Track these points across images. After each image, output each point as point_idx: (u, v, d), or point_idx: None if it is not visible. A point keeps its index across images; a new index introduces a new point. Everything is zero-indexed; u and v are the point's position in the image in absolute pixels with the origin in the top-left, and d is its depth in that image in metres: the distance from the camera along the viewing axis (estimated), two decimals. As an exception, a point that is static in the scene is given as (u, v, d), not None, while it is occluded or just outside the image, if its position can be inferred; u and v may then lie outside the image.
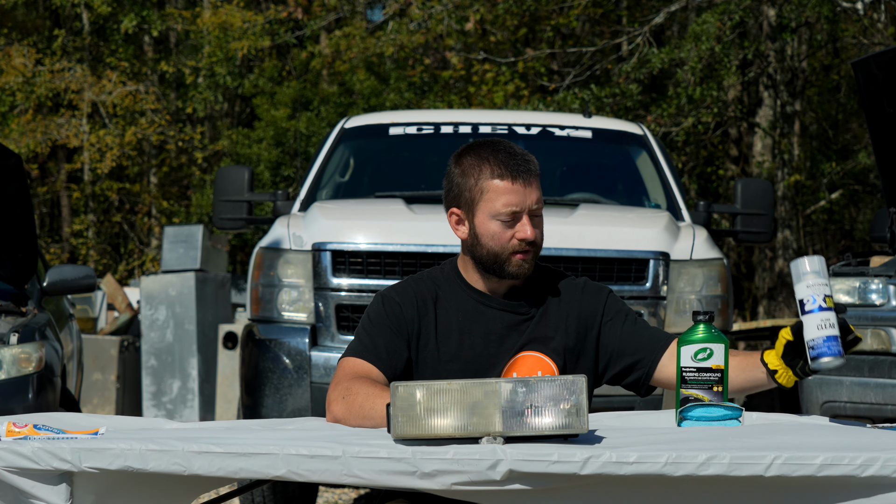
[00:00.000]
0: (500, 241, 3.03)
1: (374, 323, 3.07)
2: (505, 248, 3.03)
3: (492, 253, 3.04)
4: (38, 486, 2.42)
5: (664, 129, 15.08)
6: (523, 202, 3.01)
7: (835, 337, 2.72)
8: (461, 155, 3.10)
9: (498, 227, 3.03)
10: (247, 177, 6.77)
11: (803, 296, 2.73)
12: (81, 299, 13.78)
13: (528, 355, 3.06)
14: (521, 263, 3.04)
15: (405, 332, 3.05)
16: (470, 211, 3.07)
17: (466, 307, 3.09)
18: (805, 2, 13.92)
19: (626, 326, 3.09)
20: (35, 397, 5.83)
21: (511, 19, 16.24)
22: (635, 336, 3.09)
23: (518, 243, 3.02)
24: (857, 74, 6.60)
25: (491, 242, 3.04)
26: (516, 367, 3.05)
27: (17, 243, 6.14)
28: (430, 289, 3.11)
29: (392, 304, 3.08)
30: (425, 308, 3.08)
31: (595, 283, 3.17)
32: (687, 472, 2.39)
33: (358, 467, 2.41)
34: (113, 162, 20.69)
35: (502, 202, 3.01)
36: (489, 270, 3.07)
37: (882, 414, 5.99)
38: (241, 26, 19.53)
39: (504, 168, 3.01)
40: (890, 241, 6.55)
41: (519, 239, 3.02)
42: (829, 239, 20.02)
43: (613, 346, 3.09)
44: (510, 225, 3.02)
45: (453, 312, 3.09)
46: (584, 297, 3.11)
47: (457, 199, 3.09)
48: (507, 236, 3.03)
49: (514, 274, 3.05)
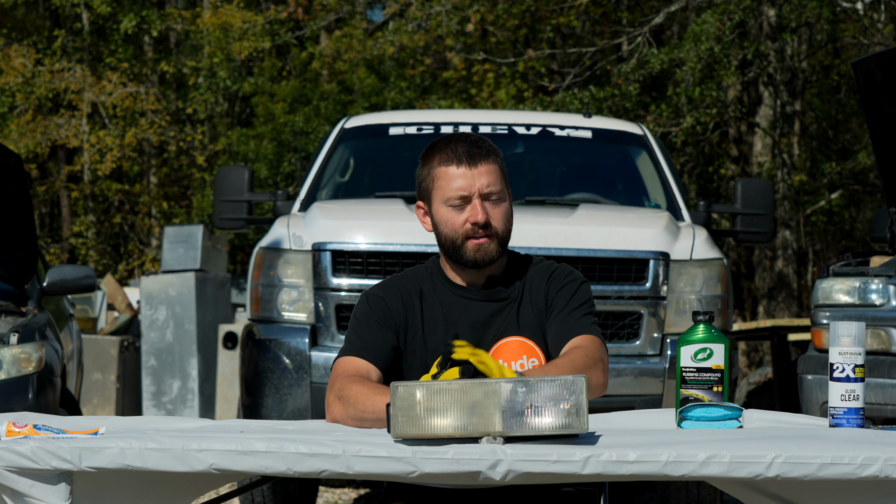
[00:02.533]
0: (452, 227, 3.05)
1: (360, 321, 3.10)
2: (457, 232, 3.05)
3: (448, 239, 3.07)
4: (38, 485, 2.42)
5: (664, 129, 15.08)
6: (471, 185, 3.02)
7: (857, 409, 2.76)
8: (425, 150, 3.14)
9: (450, 213, 3.05)
10: (247, 177, 6.78)
11: (834, 361, 2.76)
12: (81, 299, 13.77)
13: (512, 340, 3.08)
14: (476, 248, 3.04)
15: (392, 325, 3.08)
16: (428, 201, 3.11)
17: (449, 301, 3.11)
18: (805, 2, 13.92)
19: (560, 312, 3.09)
20: (35, 397, 5.83)
21: (511, 20, 16.23)
22: (555, 324, 3.08)
23: (472, 228, 3.03)
24: (857, 74, 6.60)
25: (446, 229, 3.07)
26: (501, 352, 3.07)
27: (17, 243, 6.14)
28: (413, 284, 3.14)
29: (376, 299, 3.11)
30: (410, 302, 3.11)
31: (564, 270, 3.16)
32: (687, 472, 2.39)
33: (358, 466, 2.41)
34: (113, 164, 20.68)
35: (452, 187, 3.04)
36: (453, 259, 3.09)
37: (882, 414, 5.98)
38: (242, 27, 19.52)
39: (451, 153, 3.04)
40: (890, 241, 6.55)
41: (471, 223, 3.03)
42: (829, 239, 20.01)
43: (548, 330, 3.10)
44: (461, 209, 3.04)
45: (437, 306, 3.11)
46: (551, 281, 3.12)
47: (419, 192, 3.14)
48: (459, 221, 3.04)
49: (471, 260, 3.05)
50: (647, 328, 5.71)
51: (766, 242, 7.49)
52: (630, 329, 5.72)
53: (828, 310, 6.29)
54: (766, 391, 9.54)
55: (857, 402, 2.76)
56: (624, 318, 5.71)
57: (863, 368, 2.76)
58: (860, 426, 2.75)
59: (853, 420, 2.75)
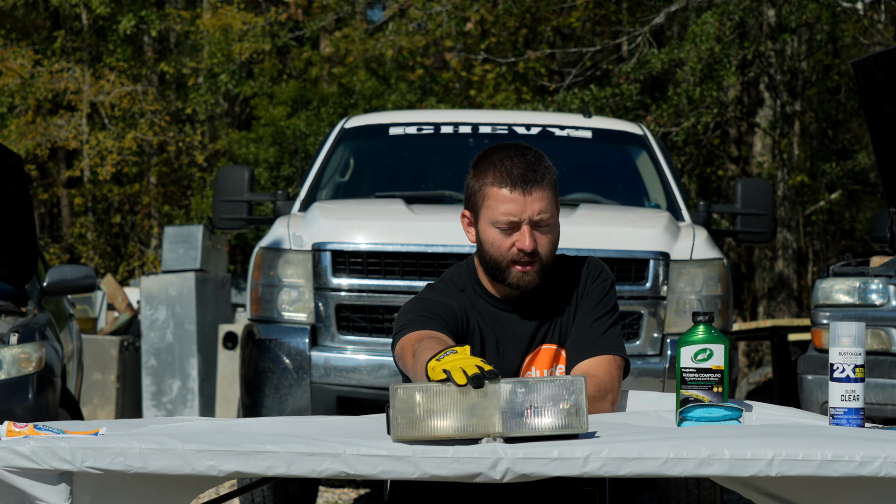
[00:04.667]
0: (499, 250, 2.99)
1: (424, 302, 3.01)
2: (504, 256, 2.99)
3: (493, 260, 3.01)
4: (38, 485, 2.42)
5: (664, 129, 15.08)
6: (522, 212, 2.95)
7: (857, 409, 2.76)
8: (479, 157, 3.06)
9: (497, 235, 2.99)
10: (247, 177, 6.78)
11: (834, 361, 2.76)
12: (81, 299, 13.77)
13: (546, 348, 3.08)
14: (521, 276, 2.99)
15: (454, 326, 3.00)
16: (476, 215, 3.04)
17: (493, 316, 3.07)
18: (805, 2, 13.92)
19: (584, 317, 3.07)
20: (35, 397, 5.83)
21: (511, 20, 16.23)
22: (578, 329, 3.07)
23: (517, 253, 2.97)
24: (857, 74, 6.60)
25: (491, 249, 3.00)
26: (536, 361, 3.07)
27: (17, 243, 6.14)
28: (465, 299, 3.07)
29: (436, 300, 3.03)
30: (465, 316, 3.05)
31: (596, 265, 3.13)
32: (688, 470, 2.39)
33: (359, 466, 2.41)
34: (113, 168, 20.68)
35: (501, 210, 2.96)
36: (494, 277, 3.04)
37: (882, 414, 5.99)
38: (242, 28, 19.51)
39: (506, 175, 2.95)
40: (890, 241, 6.55)
41: (518, 249, 2.97)
42: (829, 239, 20.01)
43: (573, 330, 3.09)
44: (509, 234, 2.98)
45: (485, 321, 3.07)
46: (586, 277, 3.10)
47: (468, 202, 3.07)
48: (506, 245, 2.98)
49: (514, 285, 3.00)
50: (647, 328, 5.71)
51: (766, 242, 7.49)
52: (630, 329, 5.72)
53: (828, 310, 6.29)
54: (766, 391, 9.55)
55: (858, 403, 2.76)
56: (624, 318, 5.71)
57: (863, 368, 2.76)
58: (860, 426, 2.75)
59: (853, 420, 2.75)
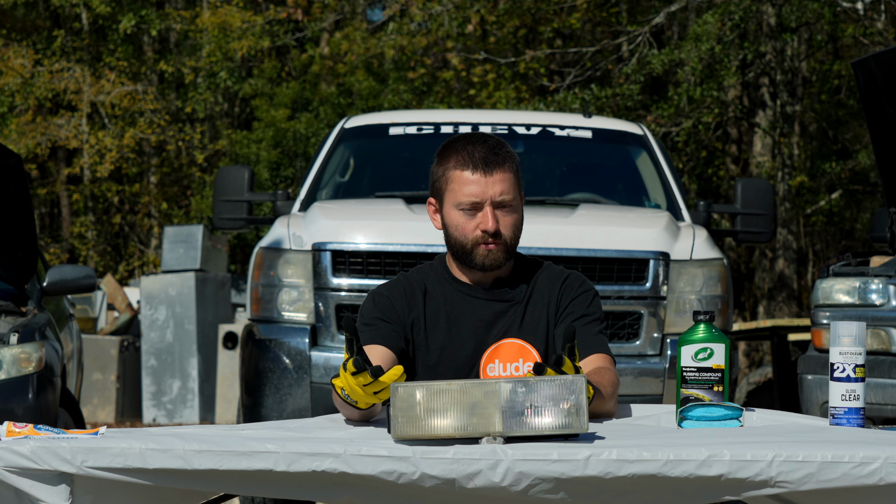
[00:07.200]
0: (463, 232, 3.05)
1: (365, 318, 3.09)
2: (467, 238, 3.05)
3: (458, 243, 3.07)
4: (38, 486, 2.42)
5: (664, 129, 15.08)
6: (483, 193, 3.02)
7: (857, 409, 2.76)
8: (443, 146, 3.13)
9: (461, 218, 3.05)
10: (247, 177, 6.78)
11: (835, 360, 2.76)
12: (81, 299, 13.78)
13: (511, 342, 3.09)
14: (486, 254, 3.04)
15: (399, 321, 3.07)
16: (440, 200, 3.11)
17: (453, 298, 3.11)
18: (805, 2, 13.91)
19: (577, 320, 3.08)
20: (35, 397, 5.83)
21: (512, 20, 16.22)
22: None
23: (481, 235, 3.03)
24: (857, 74, 6.60)
25: (456, 233, 3.07)
26: (498, 353, 3.07)
27: (17, 243, 6.14)
28: (418, 282, 3.14)
29: (381, 298, 3.11)
30: (414, 300, 3.11)
31: (578, 278, 3.17)
32: (688, 471, 2.39)
33: (359, 466, 2.41)
34: (112, 165, 20.67)
35: (464, 192, 3.03)
36: (461, 261, 3.10)
37: (882, 414, 5.99)
38: (241, 26, 19.51)
39: (468, 158, 3.03)
40: (890, 241, 6.55)
41: (482, 230, 3.03)
42: (829, 239, 20.01)
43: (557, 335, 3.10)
44: (472, 215, 3.04)
45: (441, 304, 3.11)
46: (565, 288, 3.12)
47: (432, 189, 3.14)
48: (470, 227, 3.04)
49: (480, 265, 3.06)
50: (647, 328, 5.71)
51: (766, 242, 7.49)
52: (630, 329, 5.72)
53: (828, 310, 6.29)
54: (766, 391, 9.54)
55: (858, 402, 2.76)
56: (624, 318, 5.71)
57: (863, 368, 2.76)
58: (861, 426, 2.76)
59: (854, 420, 2.75)
